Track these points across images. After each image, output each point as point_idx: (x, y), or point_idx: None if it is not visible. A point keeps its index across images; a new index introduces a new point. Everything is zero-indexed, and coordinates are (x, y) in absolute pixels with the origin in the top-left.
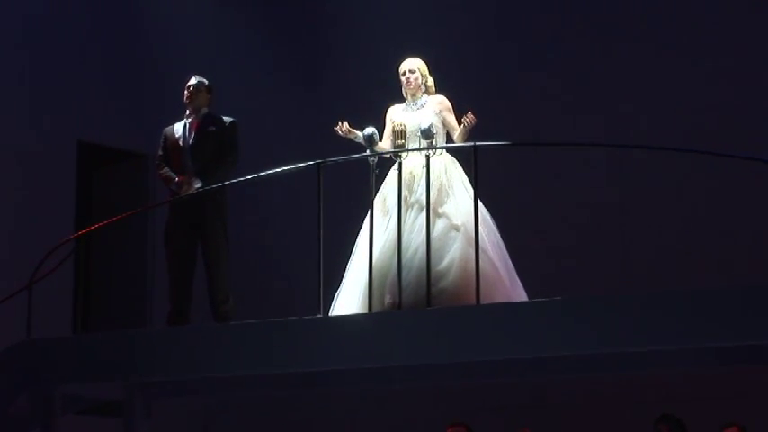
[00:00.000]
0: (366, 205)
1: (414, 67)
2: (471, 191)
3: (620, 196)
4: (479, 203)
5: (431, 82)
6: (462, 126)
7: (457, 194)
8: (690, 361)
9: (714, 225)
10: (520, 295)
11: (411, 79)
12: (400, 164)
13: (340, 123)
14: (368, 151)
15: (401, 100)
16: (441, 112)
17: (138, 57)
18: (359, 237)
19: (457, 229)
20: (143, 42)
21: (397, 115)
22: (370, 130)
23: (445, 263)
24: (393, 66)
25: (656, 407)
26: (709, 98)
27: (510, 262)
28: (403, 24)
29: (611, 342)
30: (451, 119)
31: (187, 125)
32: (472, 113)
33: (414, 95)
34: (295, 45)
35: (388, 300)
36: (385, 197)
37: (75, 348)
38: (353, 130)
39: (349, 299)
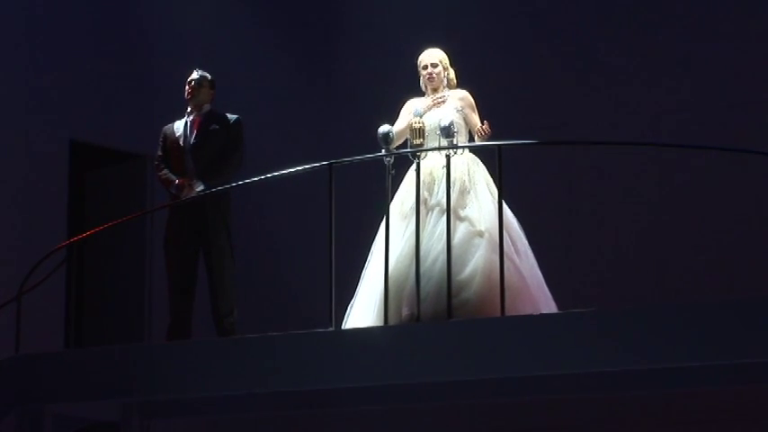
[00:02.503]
0: (382, 209)
1: (435, 60)
2: (496, 193)
3: (658, 198)
4: (504, 206)
5: (452, 74)
6: (477, 135)
7: (480, 197)
8: (734, 377)
9: (758, 230)
10: (549, 306)
11: (434, 74)
12: (418, 164)
13: None
14: (383, 151)
15: (418, 93)
16: (463, 108)
17: (135, 49)
18: (374, 243)
19: (480, 235)
20: (141, 34)
21: (415, 108)
22: (385, 128)
23: (468, 271)
24: (409, 57)
25: (697, 427)
26: (756, 94)
27: (538, 270)
28: (419, 13)
29: (649, 357)
30: (474, 117)
31: (188, 123)
32: (488, 123)
33: (435, 90)
34: (303, 36)
35: (405, 311)
36: (402, 200)
37: (68, 365)
38: None
39: (363, 311)
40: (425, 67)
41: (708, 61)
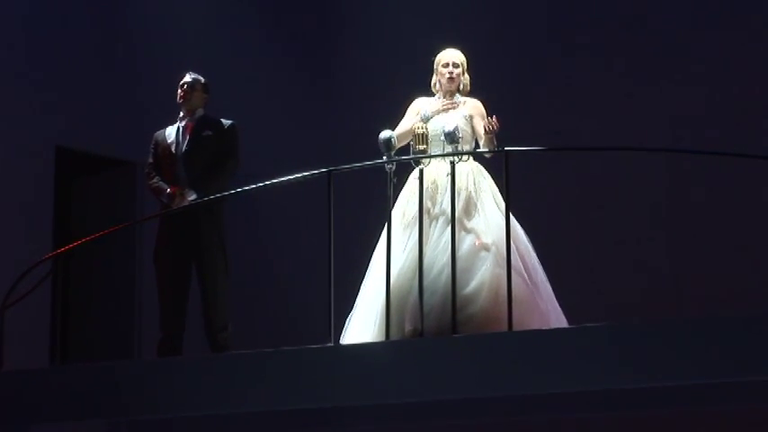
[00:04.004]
0: (383, 218)
1: (458, 61)
2: (502, 203)
3: (672, 207)
4: (512, 217)
5: (467, 80)
6: (485, 133)
7: (486, 207)
8: (752, 395)
9: None
10: (559, 321)
11: (455, 74)
12: (421, 171)
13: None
14: (384, 157)
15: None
16: (473, 117)
17: (124, 51)
18: (375, 254)
19: (487, 248)
20: (130, 35)
21: (423, 110)
22: (386, 134)
23: (474, 285)
24: (411, 61)
25: None
26: None
27: (548, 284)
28: (422, 16)
29: (664, 374)
30: (481, 127)
31: (180, 129)
32: (496, 118)
33: (450, 93)
34: (301, 36)
35: (408, 326)
36: (404, 209)
37: (53, 382)
38: None
39: (363, 325)
40: (446, 65)
41: (723, 64)
